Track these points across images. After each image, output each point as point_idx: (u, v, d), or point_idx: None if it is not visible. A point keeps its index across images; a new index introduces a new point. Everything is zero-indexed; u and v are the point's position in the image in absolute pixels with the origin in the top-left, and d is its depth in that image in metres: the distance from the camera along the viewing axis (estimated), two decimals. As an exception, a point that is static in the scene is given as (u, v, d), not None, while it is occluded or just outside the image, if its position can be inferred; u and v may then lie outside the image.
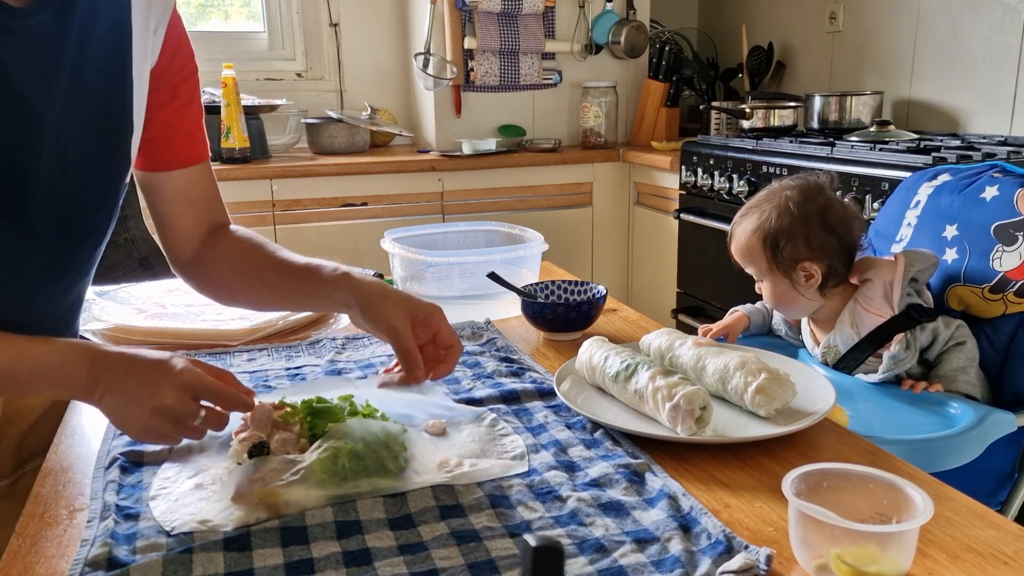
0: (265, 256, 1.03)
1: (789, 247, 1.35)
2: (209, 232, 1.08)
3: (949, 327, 1.32)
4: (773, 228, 1.36)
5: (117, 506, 0.77)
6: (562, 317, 1.24)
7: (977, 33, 2.45)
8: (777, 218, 1.36)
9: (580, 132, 3.21)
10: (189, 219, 1.07)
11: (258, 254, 1.04)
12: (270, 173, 2.66)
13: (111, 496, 0.79)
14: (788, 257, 1.35)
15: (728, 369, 0.96)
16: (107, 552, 0.69)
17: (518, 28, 3.02)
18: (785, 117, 2.74)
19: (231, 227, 1.10)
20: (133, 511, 0.76)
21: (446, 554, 0.69)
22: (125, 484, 0.81)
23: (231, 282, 1.07)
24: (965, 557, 0.68)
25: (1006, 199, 1.34)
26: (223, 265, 1.06)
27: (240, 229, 1.10)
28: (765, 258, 1.38)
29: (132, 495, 0.79)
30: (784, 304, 1.41)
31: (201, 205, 1.08)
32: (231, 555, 0.69)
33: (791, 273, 1.36)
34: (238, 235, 1.08)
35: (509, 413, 0.97)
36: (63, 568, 0.69)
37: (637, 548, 0.69)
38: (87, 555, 0.69)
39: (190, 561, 0.67)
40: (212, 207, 1.10)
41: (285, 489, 0.75)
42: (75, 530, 0.74)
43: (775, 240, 1.36)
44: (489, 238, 1.57)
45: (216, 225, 1.09)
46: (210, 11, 3.29)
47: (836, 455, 0.86)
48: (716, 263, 2.60)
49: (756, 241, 1.38)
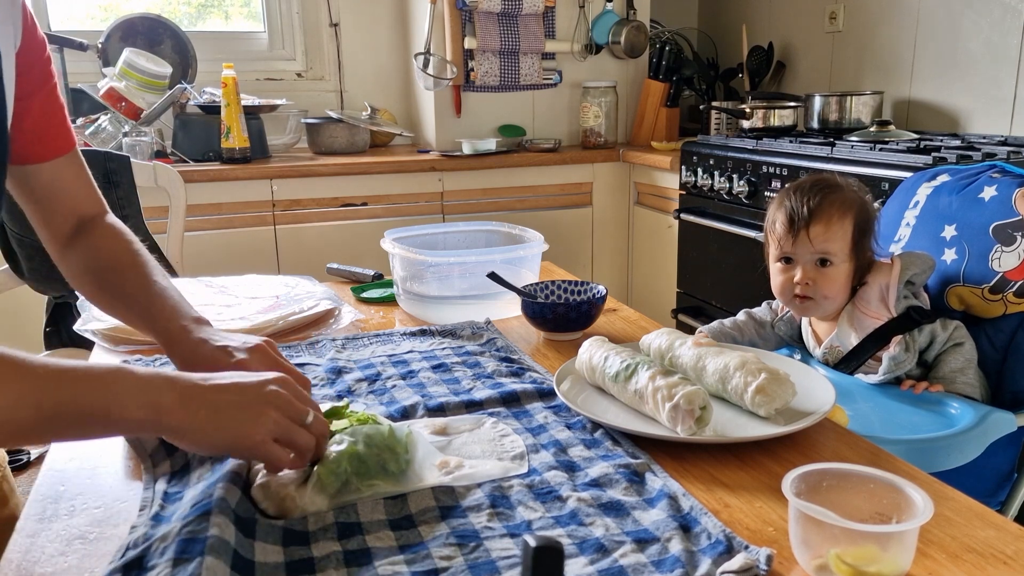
0: (123, 272, 1.00)
1: (866, 237, 1.34)
2: (78, 225, 1.04)
3: (947, 328, 1.32)
4: (860, 214, 1.33)
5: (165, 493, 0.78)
6: (562, 317, 1.24)
7: (977, 33, 2.46)
8: (863, 207, 1.34)
9: (580, 132, 3.21)
10: (59, 211, 1.02)
11: (117, 267, 1.01)
12: (270, 173, 2.66)
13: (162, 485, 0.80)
14: (864, 247, 1.33)
15: (728, 369, 0.96)
16: (144, 532, 0.70)
17: (518, 28, 3.02)
18: (785, 117, 2.74)
19: (104, 218, 1.06)
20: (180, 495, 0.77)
21: (446, 554, 0.69)
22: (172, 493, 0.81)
23: (89, 288, 1.04)
24: (965, 557, 0.68)
25: (1004, 199, 1.34)
26: (85, 266, 1.03)
27: (112, 225, 1.05)
28: (849, 243, 1.32)
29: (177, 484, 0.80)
30: (841, 296, 1.35)
31: (69, 196, 1.03)
32: (239, 535, 0.69)
33: (860, 263, 1.34)
34: (103, 235, 1.03)
35: (509, 415, 0.97)
36: (64, 567, 0.69)
37: (637, 548, 0.69)
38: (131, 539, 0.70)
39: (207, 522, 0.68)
40: (81, 197, 1.04)
41: (294, 492, 0.76)
42: (75, 530, 0.74)
43: (862, 226, 1.33)
44: (489, 238, 1.57)
45: (86, 217, 1.04)
46: (210, 11, 3.29)
47: (836, 455, 0.86)
48: (716, 263, 2.60)
49: (847, 223, 1.32)
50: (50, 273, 1.98)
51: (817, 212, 1.32)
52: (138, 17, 2.94)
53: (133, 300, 0.98)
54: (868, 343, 1.33)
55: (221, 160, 2.69)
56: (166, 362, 1.16)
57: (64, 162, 1.01)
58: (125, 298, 1.00)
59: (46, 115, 0.97)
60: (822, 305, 1.36)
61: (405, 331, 1.28)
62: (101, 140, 2.60)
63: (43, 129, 0.98)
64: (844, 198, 1.33)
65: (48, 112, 0.98)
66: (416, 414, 0.97)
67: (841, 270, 1.33)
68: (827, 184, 1.36)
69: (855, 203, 1.34)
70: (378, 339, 1.25)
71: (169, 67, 2.84)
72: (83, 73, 2.83)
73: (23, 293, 2.26)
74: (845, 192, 1.35)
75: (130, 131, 2.63)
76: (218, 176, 2.59)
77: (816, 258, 1.33)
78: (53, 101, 0.99)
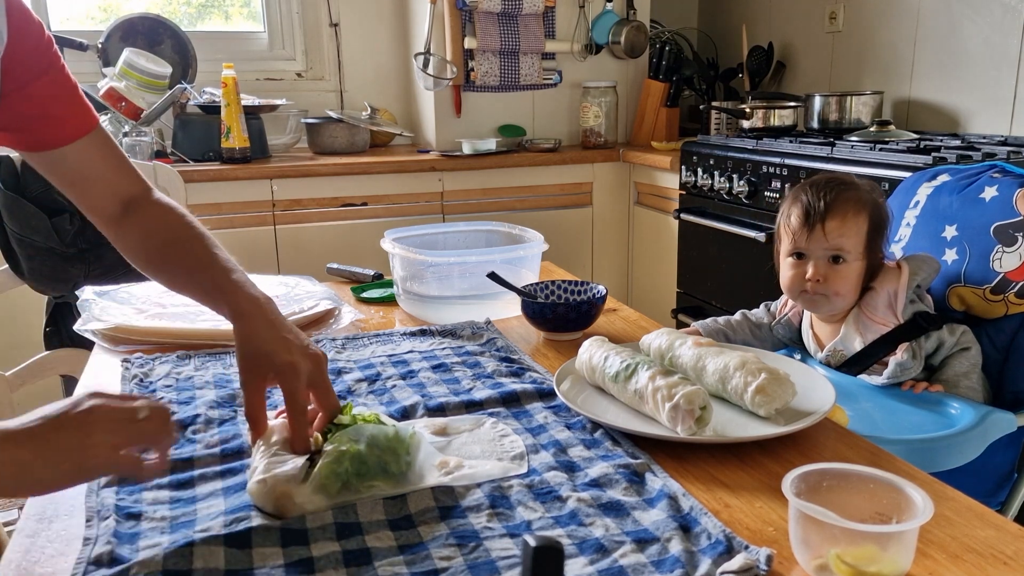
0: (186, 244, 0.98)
1: (880, 236, 1.33)
2: (124, 207, 1.02)
3: (954, 333, 1.32)
4: (874, 213, 1.33)
5: (117, 506, 0.77)
6: (562, 317, 1.24)
7: (977, 33, 2.45)
8: (876, 206, 1.34)
9: (580, 132, 3.21)
10: (96, 195, 1.01)
11: (179, 239, 0.99)
12: (270, 173, 2.66)
13: (109, 497, 0.79)
14: (877, 246, 1.33)
15: (728, 369, 0.96)
16: (110, 550, 0.69)
17: (518, 28, 3.02)
18: (785, 117, 2.74)
19: (151, 196, 1.04)
20: (134, 510, 0.76)
21: (446, 554, 0.69)
22: (124, 483, 0.81)
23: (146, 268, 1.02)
24: (965, 557, 0.68)
25: (1005, 199, 1.34)
26: (138, 247, 1.01)
27: (160, 202, 1.03)
28: (863, 241, 1.32)
29: (132, 495, 0.79)
30: (852, 294, 1.34)
31: (102, 179, 1.01)
32: (231, 551, 0.69)
33: (872, 262, 1.33)
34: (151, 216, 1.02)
35: (509, 415, 0.97)
36: (64, 567, 0.69)
37: (637, 548, 0.69)
38: (90, 554, 0.69)
39: (191, 554, 0.67)
40: (116, 179, 1.02)
41: (293, 491, 0.75)
42: (75, 529, 0.74)
43: (877, 225, 1.32)
44: (489, 238, 1.57)
45: (129, 197, 1.02)
46: (210, 11, 3.29)
47: (836, 455, 0.86)
48: (716, 263, 2.60)
49: (862, 221, 1.32)
50: (50, 273, 1.98)
51: (833, 207, 1.31)
52: (138, 17, 2.94)
53: (197, 273, 0.96)
54: (874, 348, 1.32)
55: (221, 160, 2.69)
56: (165, 361, 1.16)
57: (87, 142, 0.99)
58: (189, 272, 0.97)
59: (55, 98, 0.96)
60: (832, 302, 1.35)
61: (405, 331, 1.28)
62: (101, 140, 2.60)
63: (53, 112, 0.97)
64: (860, 196, 1.33)
65: (57, 95, 0.97)
66: (416, 414, 0.97)
67: (853, 268, 1.32)
68: (843, 181, 1.36)
69: (870, 201, 1.34)
70: (378, 339, 1.25)
71: (169, 67, 2.84)
72: (83, 73, 2.83)
73: (23, 293, 2.26)
74: (860, 190, 1.35)
75: (130, 131, 2.63)
76: (218, 176, 2.59)
77: (829, 254, 1.32)
78: (63, 83, 0.98)
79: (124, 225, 1.02)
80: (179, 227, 1.01)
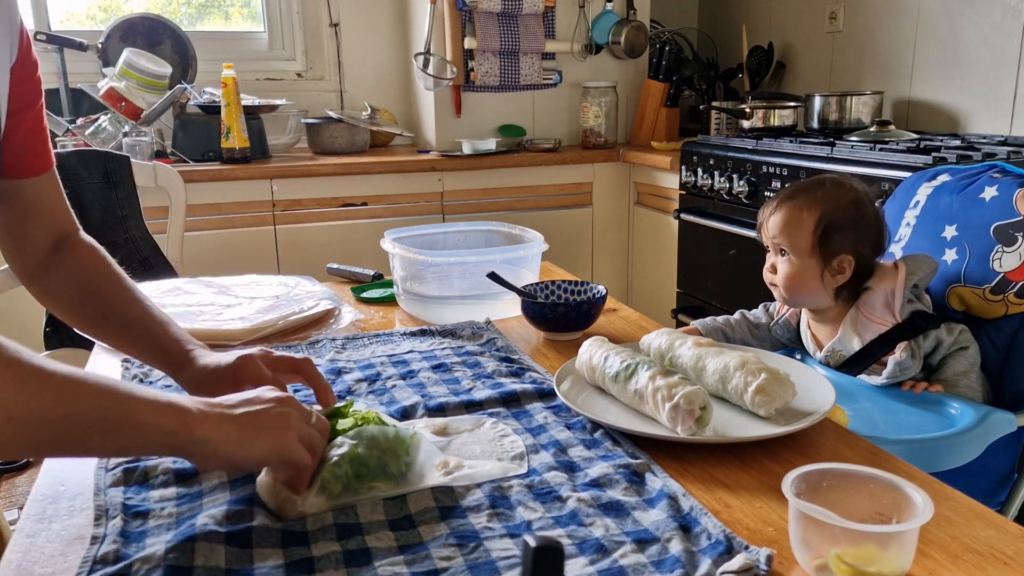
0: (111, 292, 1.01)
1: (838, 237, 1.33)
2: (56, 242, 1.05)
3: (952, 332, 1.32)
4: (832, 214, 1.33)
5: (124, 505, 0.77)
6: (562, 317, 1.24)
7: (977, 33, 2.45)
8: (839, 208, 1.34)
9: (580, 132, 3.21)
10: (38, 228, 1.03)
11: (103, 285, 1.02)
12: (270, 173, 2.66)
13: (117, 496, 0.79)
14: (834, 246, 1.33)
15: (728, 369, 0.96)
16: (116, 549, 0.69)
17: (518, 28, 3.02)
18: (785, 117, 2.74)
19: (79, 235, 1.07)
20: (142, 509, 0.77)
21: (446, 554, 0.69)
22: (131, 483, 0.81)
23: (72, 307, 1.05)
24: (965, 557, 0.68)
25: (1005, 199, 1.34)
26: (67, 283, 1.04)
27: (88, 242, 1.06)
28: (811, 239, 1.33)
29: (140, 493, 0.79)
30: (798, 289, 1.37)
31: (51, 213, 1.04)
32: (232, 550, 0.69)
33: (829, 262, 1.34)
34: (83, 253, 1.05)
35: (509, 415, 0.97)
36: (64, 567, 0.69)
37: (637, 548, 0.69)
38: (96, 552, 0.69)
39: (192, 551, 0.67)
40: (61, 214, 1.05)
41: (297, 495, 0.76)
42: (75, 529, 0.74)
43: (830, 226, 1.33)
44: (489, 238, 1.57)
45: (63, 234, 1.05)
46: (210, 11, 3.29)
47: (836, 455, 0.86)
48: (716, 263, 2.60)
49: (809, 220, 1.33)
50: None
51: (781, 205, 1.37)
52: (138, 17, 2.94)
53: (126, 322, 0.99)
54: (872, 348, 1.32)
55: (221, 160, 2.69)
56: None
57: (46, 178, 1.03)
58: (117, 320, 1.01)
59: (34, 132, 0.99)
60: (782, 296, 1.40)
61: (405, 331, 1.28)
62: (101, 140, 2.60)
63: (31, 145, 0.99)
64: (819, 196, 1.35)
65: (35, 130, 1.00)
66: (416, 414, 0.97)
67: (796, 264, 1.35)
68: (813, 183, 1.39)
69: (832, 202, 1.34)
70: (378, 339, 1.25)
71: (169, 67, 2.84)
72: (83, 73, 2.83)
73: (23, 293, 2.25)
74: (826, 191, 1.36)
75: (130, 131, 2.63)
76: (218, 176, 2.59)
77: (778, 247, 1.38)
78: (41, 120, 1.01)
79: (50, 263, 1.04)
80: (106, 271, 1.03)
